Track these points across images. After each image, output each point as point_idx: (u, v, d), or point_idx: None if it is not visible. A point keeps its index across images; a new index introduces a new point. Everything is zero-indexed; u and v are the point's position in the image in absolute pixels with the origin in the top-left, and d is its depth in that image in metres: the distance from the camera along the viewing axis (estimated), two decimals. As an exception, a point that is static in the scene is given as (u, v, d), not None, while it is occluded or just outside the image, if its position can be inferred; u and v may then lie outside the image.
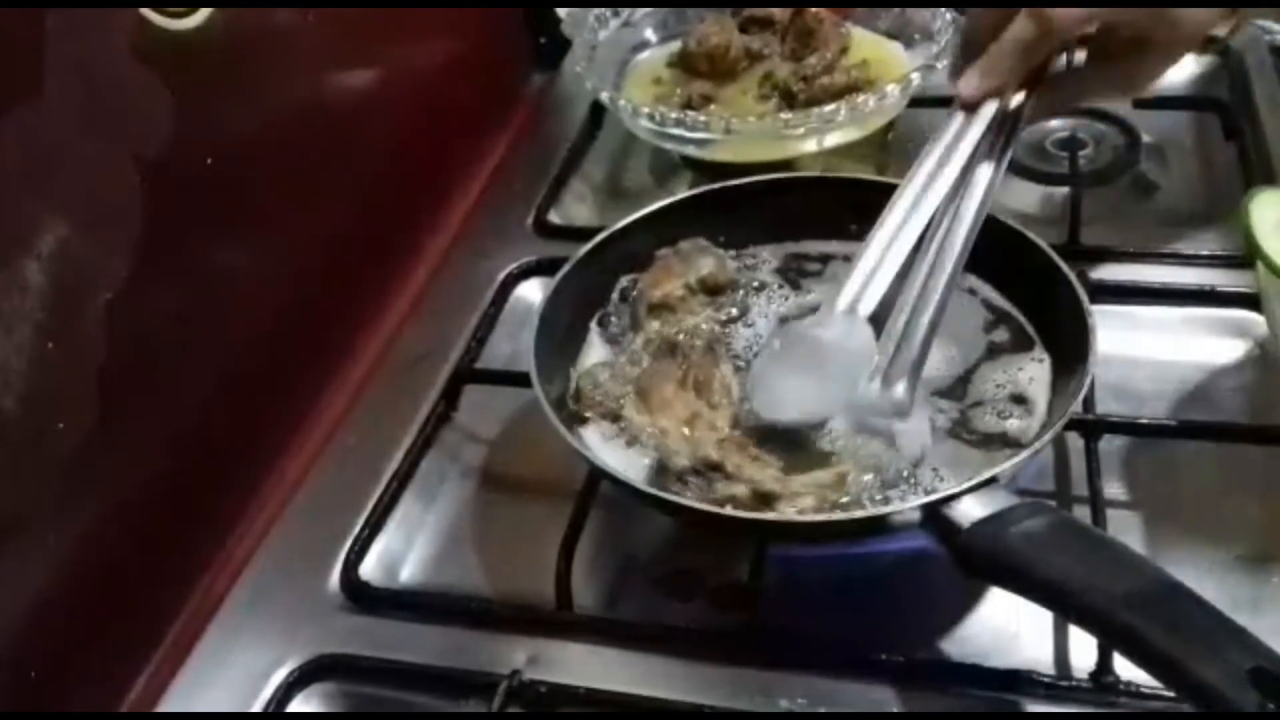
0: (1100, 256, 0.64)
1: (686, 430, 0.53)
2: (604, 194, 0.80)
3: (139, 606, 0.54)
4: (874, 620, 0.51)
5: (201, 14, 0.54)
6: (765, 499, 0.48)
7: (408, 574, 0.57)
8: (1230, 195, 0.69)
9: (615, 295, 0.62)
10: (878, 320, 0.52)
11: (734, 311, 0.60)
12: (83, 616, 0.51)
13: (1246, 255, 0.52)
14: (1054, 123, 0.77)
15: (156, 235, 0.52)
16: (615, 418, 0.55)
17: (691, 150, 0.74)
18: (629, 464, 0.53)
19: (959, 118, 0.55)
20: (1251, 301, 0.60)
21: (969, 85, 0.55)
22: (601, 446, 0.54)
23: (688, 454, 0.51)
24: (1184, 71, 0.81)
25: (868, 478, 0.50)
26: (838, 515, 0.49)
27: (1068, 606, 0.42)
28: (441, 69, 0.79)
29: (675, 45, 0.82)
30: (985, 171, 0.55)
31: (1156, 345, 0.61)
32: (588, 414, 0.55)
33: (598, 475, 0.53)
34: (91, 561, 0.51)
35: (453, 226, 0.78)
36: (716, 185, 0.64)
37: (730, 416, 0.54)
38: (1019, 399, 0.54)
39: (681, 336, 0.58)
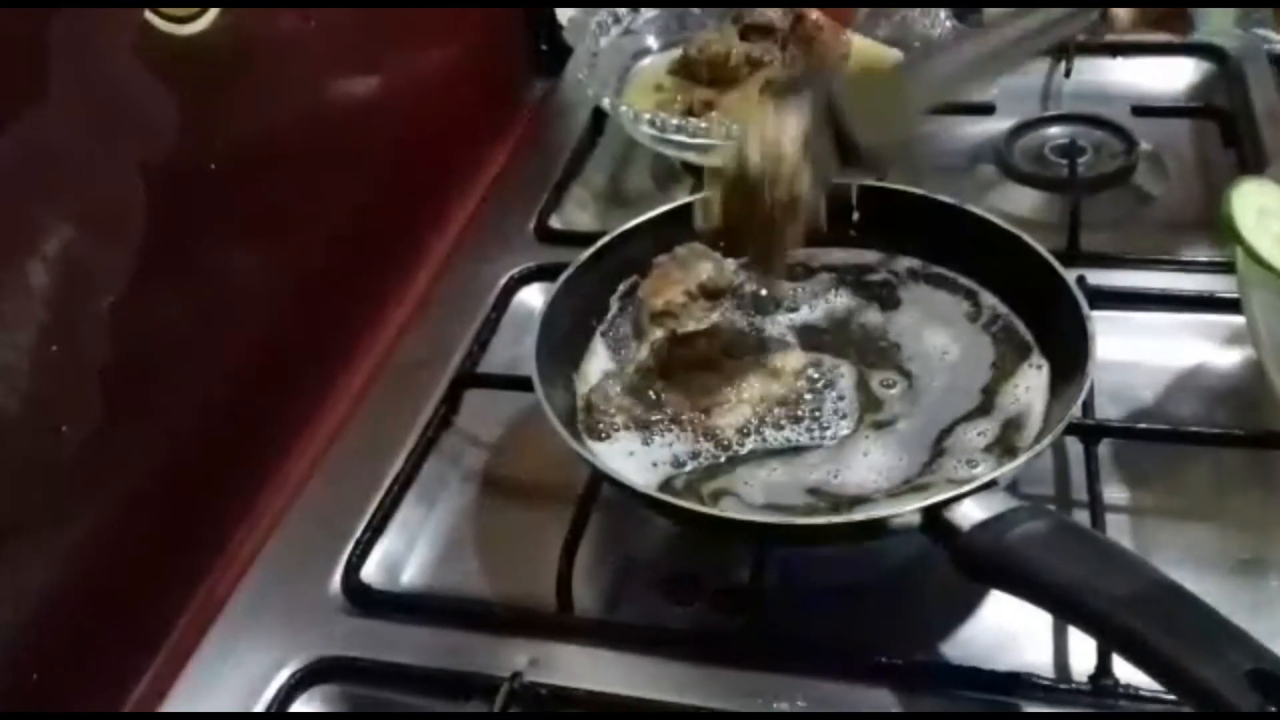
0: (1099, 262, 0.65)
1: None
2: (605, 200, 0.80)
3: (142, 608, 0.55)
4: (874, 623, 0.51)
5: (205, 20, 0.55)
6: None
7: (409, 577, 0.57)
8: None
9: (616, 300, 0.62)
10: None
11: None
12: (86, 618, 0.51)
13: (1226, 240, 0.53)
14: (1053, 129, 0.78)
15: (160, 239, 0.52)
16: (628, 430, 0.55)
17: (692, 156, 0.75)
18: (630, 468, 0.53)
19: None
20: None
21: None
22: (602, 450, 0.54)
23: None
24: (1183, 79, 0.81)
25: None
26: (838, 519, 0.49)
27: (1067, 609, 0.43)
28: (444, 75, 0.79)
29: (676, 52, 0.82)
30: None
31: (1155, 350, 0.61)
32: (599, 430, 0.55)
33: (599, 479, 0.54)
34: (94, 563, 0.51)
35: (454, 232, 0.78)
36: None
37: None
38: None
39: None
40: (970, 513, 0.45)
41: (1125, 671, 0.45)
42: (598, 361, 0.60)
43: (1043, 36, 0.54)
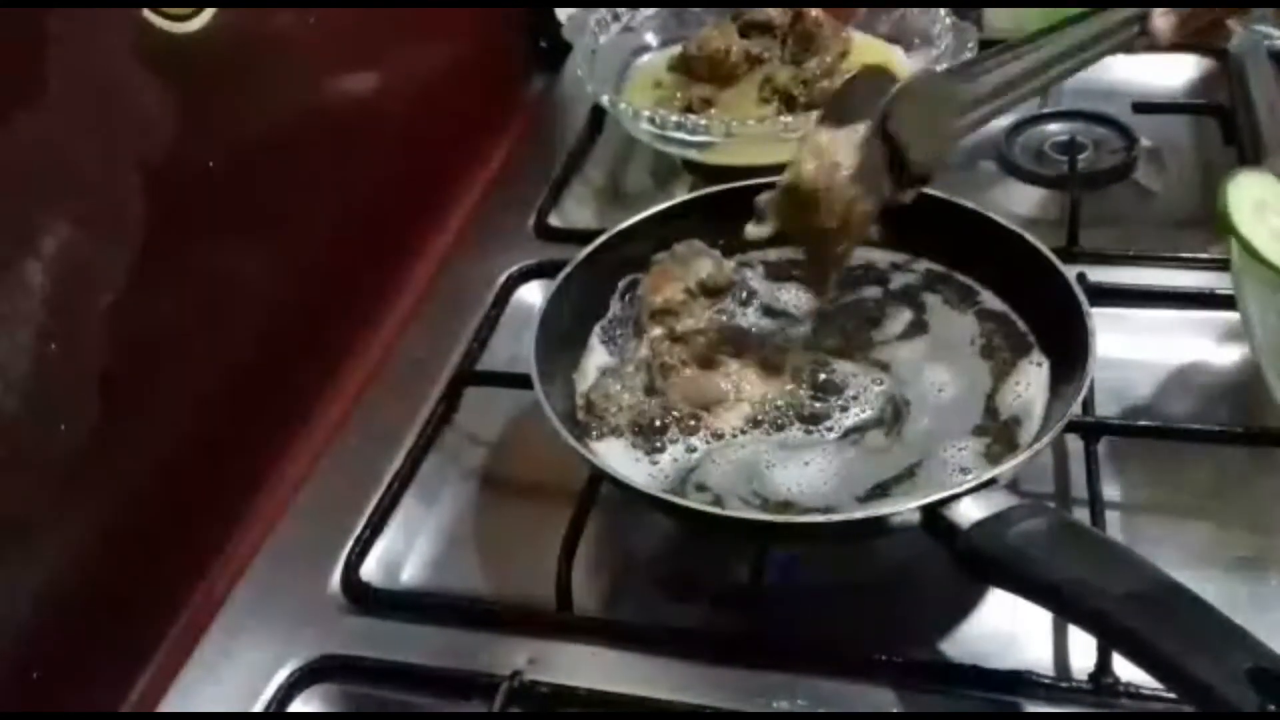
0: (1099, 259, 0.64)
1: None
2: (605, 197, 0.80)
3: (141, 607, 0.54)
4: (874, 622, 0.51)
5: (203, 17, 0.54)
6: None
7: (409, 575, 0.57)
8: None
9: (616, 298, 0.62)
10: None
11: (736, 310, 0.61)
12: (84, 617, 0.51)
13: (1220, 232, 0.52)
14: (1053, 126, 0.77)
15: (158, 238, 0.52)
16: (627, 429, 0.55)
17: (692, 153, 0.75)
18: (629, 466, 0.53)
19: None
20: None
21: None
22: (602, 449, 0.54)
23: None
24: (1184, 76, 0.81)
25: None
26: (837, 517, 0.49)
27: (1067, 607, 0.42)
28: (443, 72, 0.79)
29: (676, 49, 0.82)
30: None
31: (1155, 347, 0.61)
32: (599, 429, 0.55)
33: (599, 477, 0.53)
34: (94, 562, 0.51)
35: (454, 229, 0.78)
36: (717, 188, 0.64)
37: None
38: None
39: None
40: (970, 511, 0.45)
41: (1125, 670, 0.45)
42: (597, 359, 0.60)
43: (1084, 53, 0.54)
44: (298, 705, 0.51)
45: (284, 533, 0.59)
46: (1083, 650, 0.48)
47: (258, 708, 0.50)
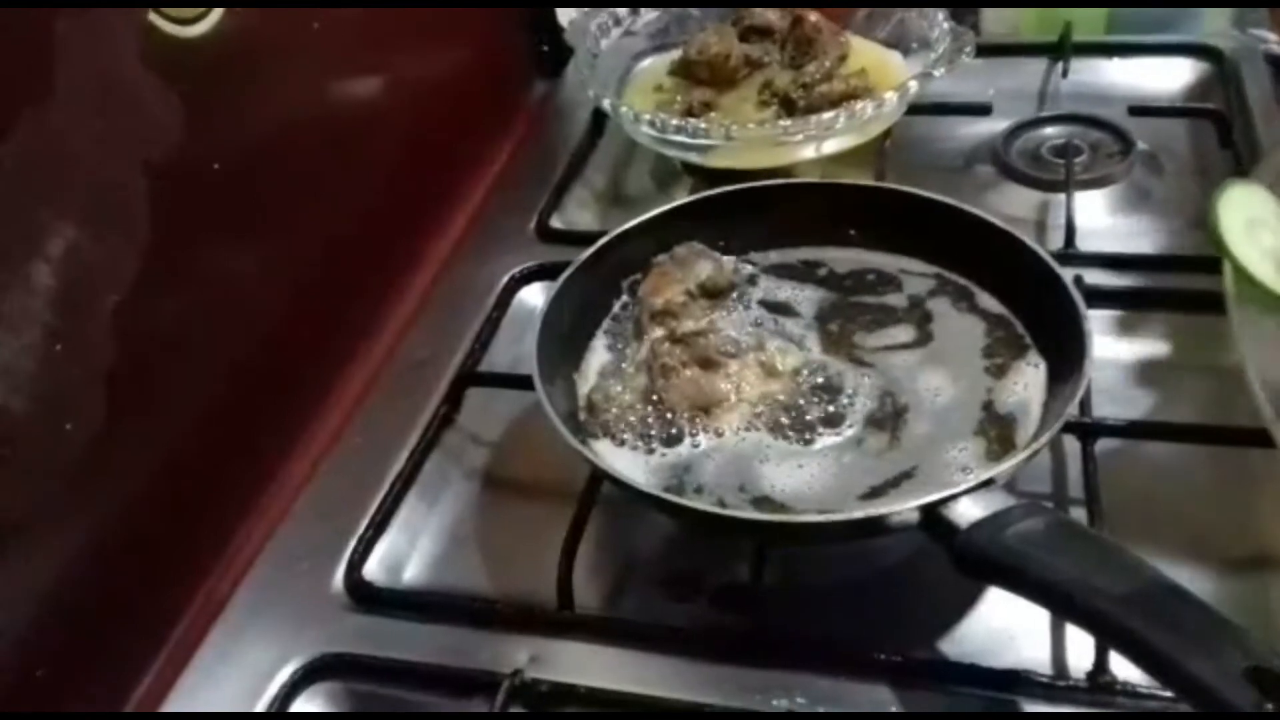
0: (1096, 262, 0.65)
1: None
2: (606, 200, 0.80)
3: (144, 606, 0.55)
4: (873, 620, 0.51)
5: (209, 21, 0.55)
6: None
7: (411, 574, 0.57)
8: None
9: (617, 300, 0.62)
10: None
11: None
12: (88, 616, 0.51)
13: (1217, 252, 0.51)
14: (1049, 129, 0.78)
15: (164, 239, 0.52)
16: (628, 429, 0.55)
17: (692, 157, 0.75)
18: (630, 466, 0.53)
19: None
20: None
21: None
22: (603, 449, 0.54)
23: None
24: (1180, 80, 0.82)
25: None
26: (837, 517, 0.49)
27: (1065, 607, 0.43)
28: (445, 76, 0.79)
29: (676, 53, 0.82)
30: None
31: (1152, 349, 0.61)
32: (600, 429, 0.55)
33: (599, 477, 0.54)
34: (98, 561, 0.51)
35: (456, 232, 0.78)
36: (716, 191, 0.64)
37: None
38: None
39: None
40: (968, 511, 0.45)
41: (1123, 669, 0.45)
42: (598, 360, 0.60)
43: None
44: (300, 704, 0.51)
45: (287, 532, 0.59)
46: (1080, 649, 0.48)
47: (261, 706, 0.50)
